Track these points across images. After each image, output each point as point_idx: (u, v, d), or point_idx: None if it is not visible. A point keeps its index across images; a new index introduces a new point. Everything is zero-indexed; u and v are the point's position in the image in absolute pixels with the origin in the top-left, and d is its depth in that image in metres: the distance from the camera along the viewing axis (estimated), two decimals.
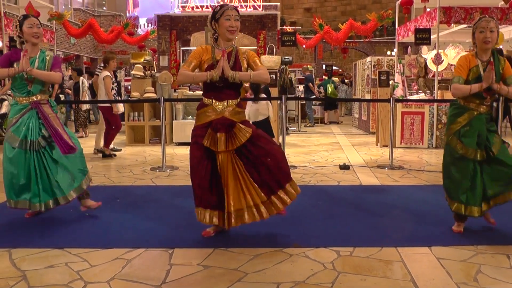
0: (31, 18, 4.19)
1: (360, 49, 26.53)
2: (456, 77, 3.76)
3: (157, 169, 6.88)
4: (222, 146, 3.56)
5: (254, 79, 3.65)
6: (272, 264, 3.26)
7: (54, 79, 4.24)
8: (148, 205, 4.85)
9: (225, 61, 3.51)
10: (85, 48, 23.49)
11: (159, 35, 17.63)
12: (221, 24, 3.61)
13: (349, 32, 15.69)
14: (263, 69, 3.68)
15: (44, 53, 4.25)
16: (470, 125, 3.77)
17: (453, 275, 3.07)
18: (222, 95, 3.64)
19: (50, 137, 4.13)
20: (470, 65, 3.75)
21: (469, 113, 3.79)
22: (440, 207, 4.68)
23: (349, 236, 3.87)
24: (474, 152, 3.73)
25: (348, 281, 3.00)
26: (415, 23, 10.84)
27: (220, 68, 3.50)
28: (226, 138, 3.57)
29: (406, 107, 9.26)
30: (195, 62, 3.64)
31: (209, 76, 3.53)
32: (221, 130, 3.57)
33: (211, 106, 3.64)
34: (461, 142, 3.78)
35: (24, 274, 3.09)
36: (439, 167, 7.08)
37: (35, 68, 4.11)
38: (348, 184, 5.91)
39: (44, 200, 4.13)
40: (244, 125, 3.65)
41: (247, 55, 3.72)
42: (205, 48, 3.71)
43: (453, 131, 3.84)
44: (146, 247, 3.57)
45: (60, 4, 22.66)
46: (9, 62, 4.15)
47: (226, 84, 3.59)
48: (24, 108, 4.17)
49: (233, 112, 3.65)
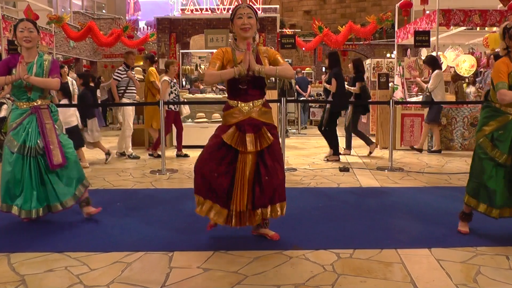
0: (24, 22, 4.15)
1: (359, 51, 26.58)
2: (500, 83, 3.65)
3: (156, 172, 6.88)
4: (252, 146, 3.53)
5: (279, 74, 3.58)
6: (272, 266, 3.26)
7: (51, 86, 4.21)
8: (148, 208, 4.84)
9: (251, 55, 3.46)
10: (84, 51, 23.52)
11: (158, 38, 17.65)
12: (235, 23, 3.59)
13: (348, 34, 15.73)
14: (287, 65, 3.65)
15: (42, 57, 4.23)
16: (504, 128, 3.72)
17: (453, 276, 3.07)
18: (247, 96, 3.60)
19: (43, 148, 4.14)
20: (509, 69, 3.68)
21: (504, 117, 3.73)
22: (440, 208, 4.69)
23: (349, 238, 3.87)
24: (505, 157, 3.69)
25: (348, 283, 3.00)
26: (414, 25, 10.87)
27: (246, 62, 3.44)
28: (255, 138, 3.55)
29: (406, 109, 9.26)
30: (219, 62, 3.59)
31: (236, 71, 3.47)
32: (249, 131, 3.55)
33: (237, 108, 3.61)
34: (493, 145, 3.75)
35: (23, 278, 3.09)
36: (439, 169, 7.11)
37: (33, 74, 4.10)
38: (348, 186, 5.91)
39: (35, 207, 4.11)
40: (270, 132, 3.62)
41: (268, 54, 3.70)
42: (225, 50, 3.66)
43: (485, 133, 3.80)
44: (146, 250, 3.56)
45: (59, 7, 22.71)
46: (7, 68, 4.14)
47: (250, 85, 3.57)
48: (25, 112, 4.16)
49: (260, 112, 3.62)
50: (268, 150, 3.58)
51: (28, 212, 4.12)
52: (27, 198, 4.11)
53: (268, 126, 3.63)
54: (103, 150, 7.87)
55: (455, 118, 9.06)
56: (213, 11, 17.50)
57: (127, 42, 17.99)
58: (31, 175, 4.12)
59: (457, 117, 9.05)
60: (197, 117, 9.64)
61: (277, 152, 3.66)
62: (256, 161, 3.56)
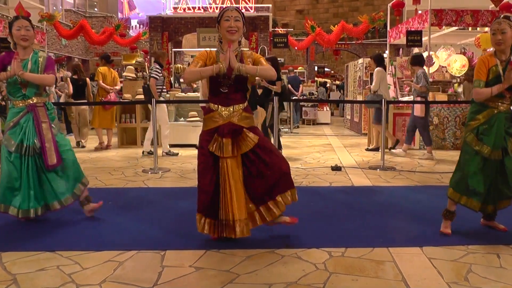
0: (20, 20, 4.12)
1: (352, 51, 26.63)
2: (476, 81, 3.78)
3: (149, 171, 6.86)
4: (229, 151, 3.51)
5: (260, 73, 3.58)
6: (264, 265, 3.26)
7: (47, 82, 4.19)
8: (140, 207, 4.83)
9: (231, 52, 3.45)
10: (76, 49, 23.40)
11: (150, 36, 17.61)
12: (221, 25, 3.58)
13: (341, 34, 15.77)
14: (269, 66, 3.64)
15: (37, 54, 4.20)
16: (489, 123, 3.78)
17: (444, 274, 3.09)
18: (228, 100, 3.58)
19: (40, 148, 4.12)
20: (489, 65, 3.76)
21: (488, 111, 3.79)
22: (431, 207, 4.71)
23: (341, 237, 3.88)
24: (489, 151, 3.74)
25: (340, 281, 3.01)
26: (406, 25, 10.92)
27: (227, 60, 3.44)
28: (232, 143, 3.52)
29: (398, 108, 9.30)
30: (201, 62, 3.57)
31: (216, 68, 3.46)
32: (227, 136, 3.52)
33: (218, 112, 3.59)
34: (478, 139, 3.79)
35: (14, 277, 3.07)
36: (430, 168, 7.14)
37: (28, 70, 4.08)
38: (340, 185, 5.92)
39: (33, 206, 4.09)
40: (252, 132, 3.60)
41: (252, 58, 3.68)
42: (210, 52, 3.66)
43: (471, 128, 3.85)
44: (138, 249, 3.55)
45: (51, 5, 22.57)
46: (2, 65, 4.12)
47: (232, 89, 3.56)
48: (21, 111, 4.14)
49: (240, 117, 3.60)
50: (260, 148, 3.57)
51: (26, 212, 4.08)
52: (24, 198, 4.08)
53: (250, 129, 3.61)
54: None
55: (447, 118, 9.11)
56: (205, 9, 17.49)
57: (119, 40, 17.89)
58: (29, 174, 4.10)
59: (449, 117, 9.11)
60: (190, 116, 9.63)
61: (268, 145, 3.67)
62: (241, 165, 3.55)
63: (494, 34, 3.73)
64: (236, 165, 3.54)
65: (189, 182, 6.06)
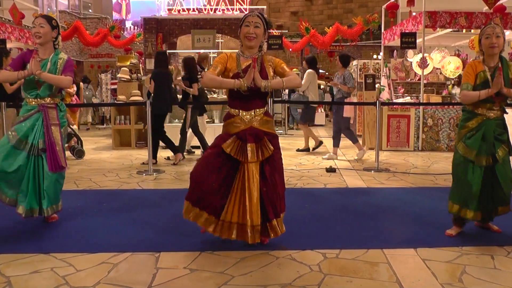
0: (38, 18, 4.12)
1: (346, 52, 26.65)
2: (464, 84, 3.81)
3: (143, 172, 6.84)
4: (254, 156, 3.46)
5: (286, 86, 3.56)
6: (258, 266, 3.26)
7: (63, 84, 4.13)
8: (134, 209, 4.82)
9: (256, 72, 3.39)
10: (71, 51, 23.32)
11: (145, 38, 17.55)
12: (241, 31, 3.55)
13: (335, 35, 15.78)
14: (293, 75, 3.59)
15: (57, 55, 4.17)
16: (476, 129, 3.79)
17: (439, 276, 3.10)
18: (248, 105, 3.54)
19: (45, 149, 4.08)
20: (477, 70, 3.79)
21: (477, 118, 3.81)
22: (426, 209, 4.73)
23: (335, 238, 3.89)
24: (474, 154, 3.74)
25: (334, 283, 3.02)
26: (401, 27, 10.93)
27: (250, 78, 3.38)
28: (256, 148, 3.48)
29: (392, 110, 9.32)
30: (221, 67, 3.54)
31: (237, 85, 3.42)
32: (250, 140, 3.48)
33: (239, 117, 3.55)
34: (464, 144, 3.82)
35: (8, 280, 3.06)
36: (425, 169, 7.17)
37: (46, 70, 4.04)
38: (334, 187, 5.93)
39: (28, 206, 4.05)
40: (273, 140, 3.58)
41: (273, 62, 3.63)
42: (230, 55, 3.61)
43: (461, 136, 3.88)
44: (132, 251, 3.55)
45: (45, 6, 22.49)
46: (22, 62, 4.11)
47: (252, 93, 3.50)
48: (32, 109, 4.11)
49: (261, 121, 3.56)
50: (268, 161, 3.53)
51: (29, 211, 4.06)
52: (24, 195, 4.04)
53: (269, 136, 3.57)
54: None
55: (441, 119, 9.14)
56: (200, 11, 17.46)
57: (113, 42, 17.85)
58: (34, 175, 4.07)
59: (443, 118, 9.14)
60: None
61: (277, 163, 3.61)
62: (260, 172, 3.50)
63: (488, 37, 3.74)
64: (257, 171, 3.49)
65: (183, 184, 6.05)
